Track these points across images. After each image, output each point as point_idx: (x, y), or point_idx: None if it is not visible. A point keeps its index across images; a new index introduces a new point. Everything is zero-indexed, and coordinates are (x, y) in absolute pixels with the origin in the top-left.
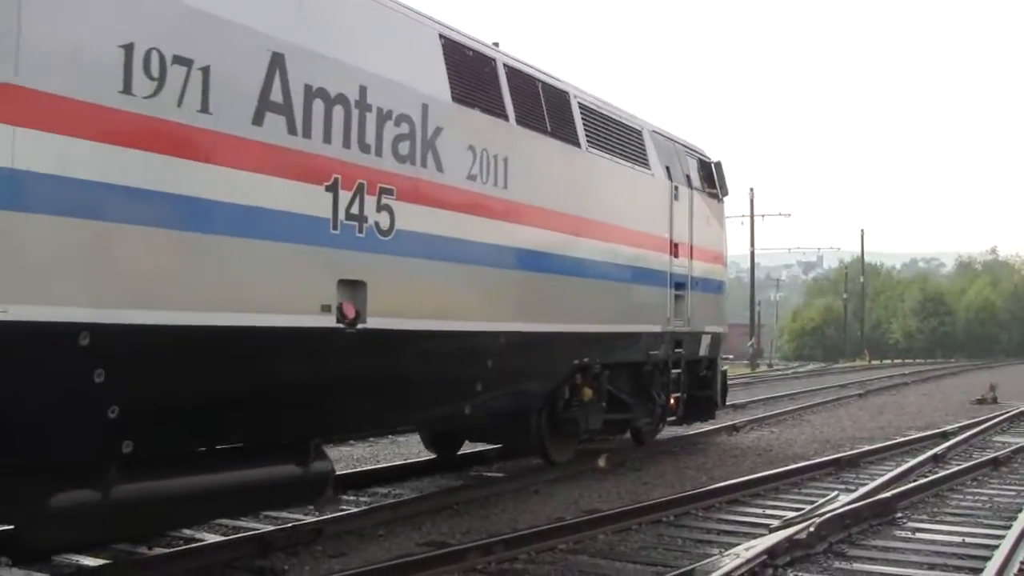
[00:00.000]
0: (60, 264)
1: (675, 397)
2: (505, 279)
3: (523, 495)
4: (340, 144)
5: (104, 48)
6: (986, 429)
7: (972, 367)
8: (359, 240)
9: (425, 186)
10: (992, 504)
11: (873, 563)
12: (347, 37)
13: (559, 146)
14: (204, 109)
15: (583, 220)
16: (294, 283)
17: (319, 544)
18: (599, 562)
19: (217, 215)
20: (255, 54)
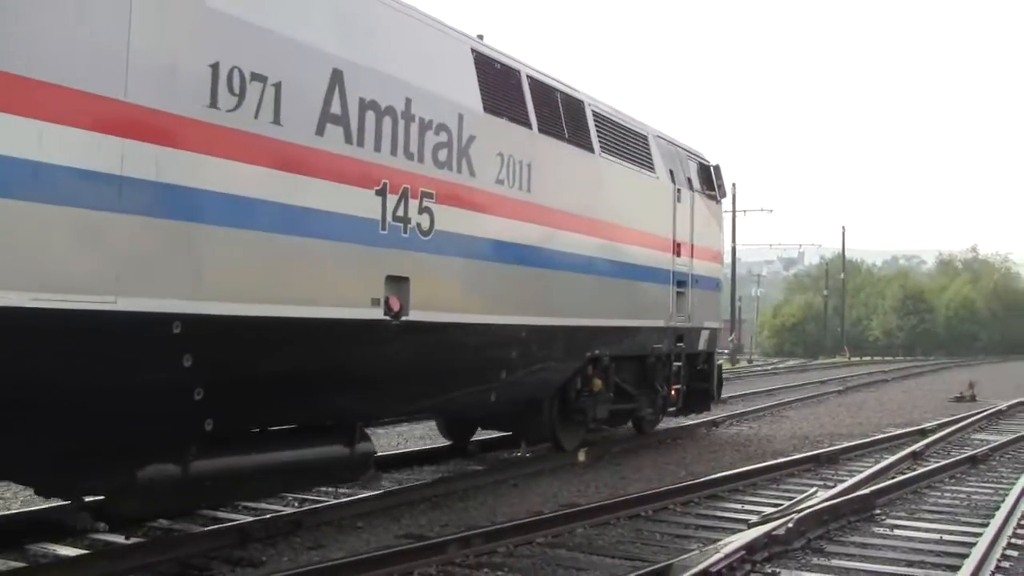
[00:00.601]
0: (158, 261)
1: (676, 389)
2: (527, 276)
3: (502, 488)
4: (388, 152)
5: (195, 67)
6: (964, 427)
7: (951, 365)
8: (404, 239)
9: (460, 190)
10: (970, 502)
11: (851, 559)
12: (394, 53)
13: (575, 152)
14: (276, 121)
15: (596, 221)
16: (350, 279)
17: (297, 535)
18: (577, 556)
19: (288, 217)
20: (318, 71)
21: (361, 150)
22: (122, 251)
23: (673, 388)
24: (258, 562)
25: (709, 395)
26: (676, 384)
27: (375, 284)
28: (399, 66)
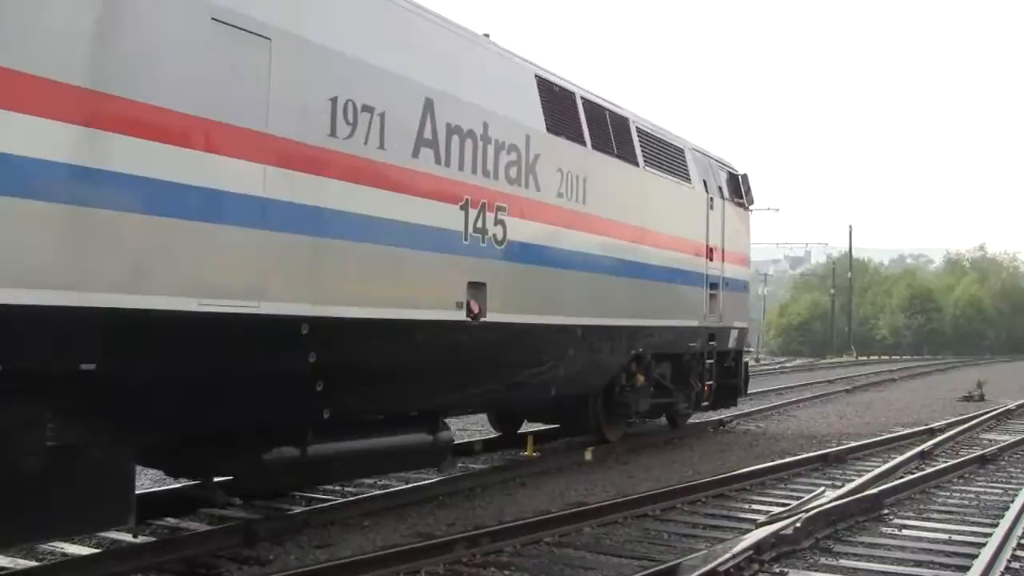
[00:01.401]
0: (291, 270)
1: (708, 385)
2: (583, 280)
3: (509, 487)
4: (470, 170)
5: (319, 102)
6: (973, 426)
7: (959, 364)
8: (482, 249)
9: (527, 204)
10: (979, 502)
11: (859, 559)
12: (473, 82)
13: (623, 166)
14: (380, 145)
15: (641, 229)
16: (440, 285)
17: (304, 534)
18: (585, 555)
19: (391, 231)
20: (414, 100)
21: (448, 170)
22: (264, 262)
23: (706, 384)
24: (265, 561)
25: (737, 391)
26: (708, 380)
27: (459, 289)
28: (478, 93)
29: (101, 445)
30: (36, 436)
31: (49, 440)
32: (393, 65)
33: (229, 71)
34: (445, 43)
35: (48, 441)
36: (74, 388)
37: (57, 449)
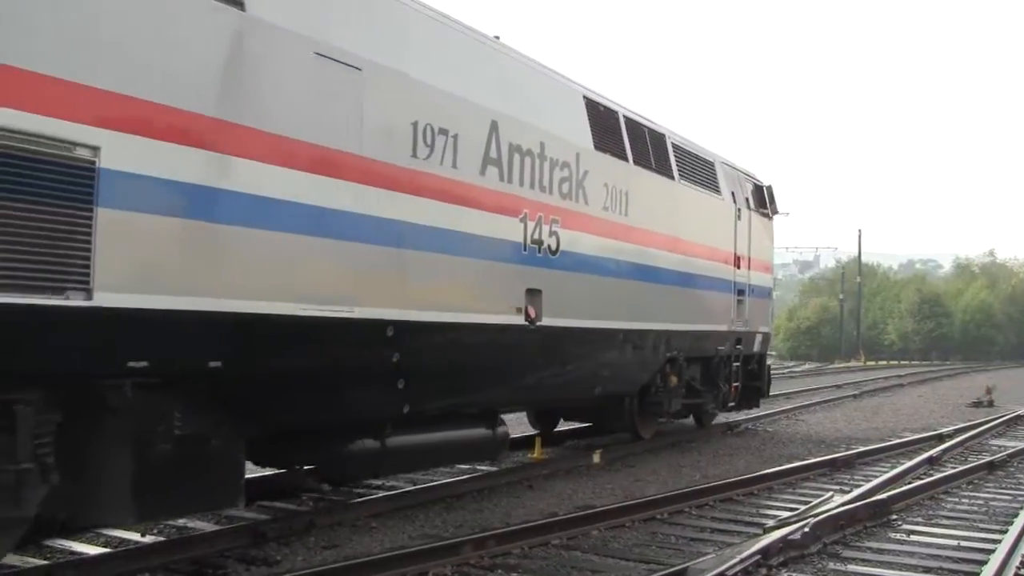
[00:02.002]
0: (379, 278)
1: (735, 386)
2: (625, 287)
3: (517, 489)
4: (528, 186)
5: (403, 126)
6: (982, 432)
7: (968, 369)
8: (538, 258)
9: (577, 216)
10: (988, 508)
11: (867, 565)
12: (533, 104)
13: (660, 179)
14: (453, 165)
15: (676, 239)
16: (502, 291)
17: (312, 535)
18: (592, 558)
19: (462, 243)
20: (481, 123)
21: (510, 186)
22: (357, 271)
23: (733, 385)
24: (273, 561)
25: (761, 392)
26: (735, 382)
27: (518, 295)
28: (535, 114)
29: (219, 434)
30: (167, 425)
31: (177, 429)
32: (464, 91)
33: (329, 100)
34: (507, 68)
35: (176, 430)
36: (202, 383)
37: (183, 437)
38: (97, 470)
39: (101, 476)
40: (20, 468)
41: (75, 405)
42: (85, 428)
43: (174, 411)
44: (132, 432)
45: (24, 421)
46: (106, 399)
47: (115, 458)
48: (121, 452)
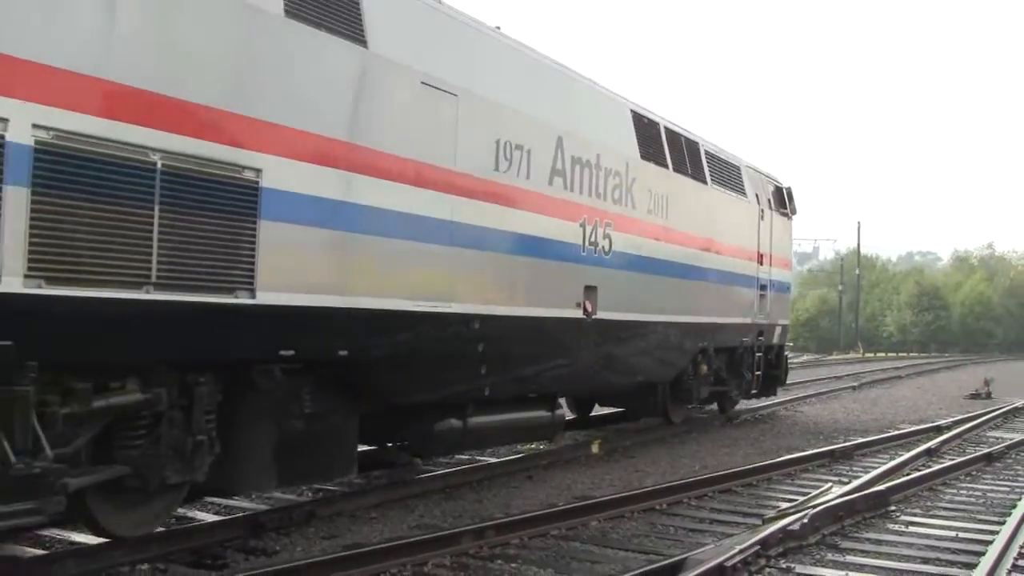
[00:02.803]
0: (469, 277)
1: (757, 375)
2: (665, 284)
3: (516, 480)
4: (587, 194)
5: (488, 143)
6: (980, 424)
7: (966, 362)
8: (594, 258)
9: (626, 220)
10: (986, 499)
11: (866, 556)
12: (590, 119)
13: (695, 184)
14: (523, 176)
15: (709, 239)
16: (565, 288)
17: (311, 526)
18: (591, 548)
19: (533, 245)
20: (549, 138)
21: (572, 194)
22: (452, 272)
23: (755, 374)
24: (272, 552)
25: (779, 381)
26: (757, 371)
27: (577, 291)
28: (592, 128)
29: (340, 413)
30: (301, 405)
31: (307, 408)
32: (535, 110)
33: (432, 122)
34: (568, 88)
35: (307, 408)
36: (331, 369)
37: (313, 415)
38: (247, 442)
39: (250, 447)
40: (196, 439)
41: (234, 387)
42: (240, 407)
43: (307, 392)
44: (276, 410)
45: (201, 400)
46: (258, 382)
47: (261, 432)
48: (266, 427)
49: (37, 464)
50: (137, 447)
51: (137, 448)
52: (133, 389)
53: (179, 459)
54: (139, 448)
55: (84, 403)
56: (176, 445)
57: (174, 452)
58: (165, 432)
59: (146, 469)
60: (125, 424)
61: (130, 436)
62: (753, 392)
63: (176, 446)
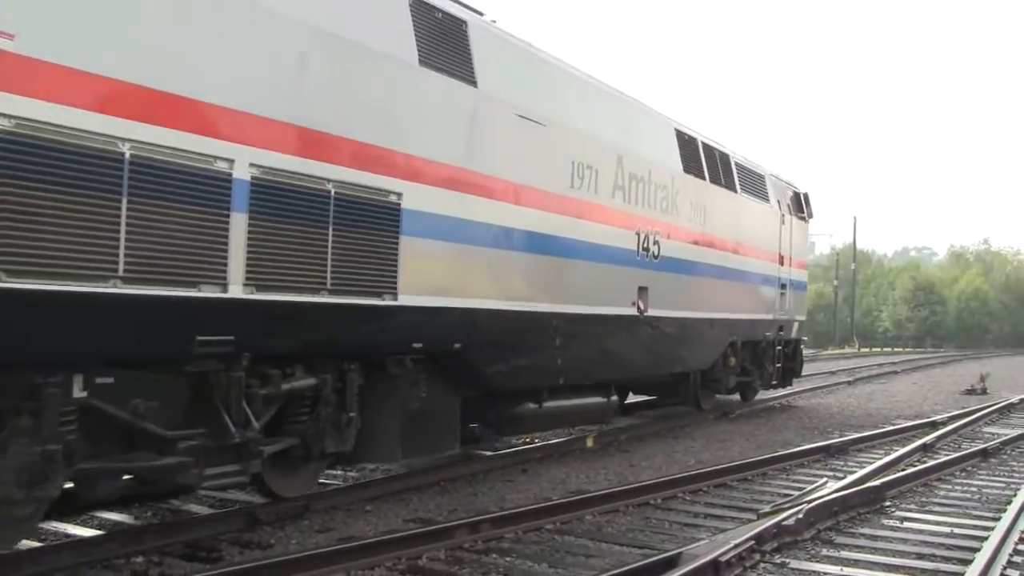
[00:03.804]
0: (549, 281)
1: (777, 366)
2: (703, 283)
3: (511, 473)
4: (640, 205)
5: (566, 164)
6: (975, 420)
7: (962, 357)
8: (646, 262)
9: (671, 228)
10: (981, 495)
11: (861, 551)
12: (643, 138)
13: (727, 193)
14: (592, 191)
15: (739, 242)
16: (623, 288)
17: (306, 519)
18: (586, 543)
19: (602, 252)
20: (612, 158)
21: (629, 205)
22: (536, 276)
23: (776, 366)
24: (267, 545)
25: (795, 372)
26: (777, 363)
27: (632, 291)
28: (644, 146)
29: (448, 396)
30: (420, 389)
31: (424, 392)
32: (601, 134)
33: (524, 148)
34: (625, 111)
35: (423, 392)
36: (444, 359)
37: (428, 398)
38: (380, 420)
39: (382, 424)
40: (349, 415)
41: (372, 373)
42: (375, 390)
43: (423, 379)
44: (401, 394)
45: (352, 384)
46: (391, 370)
47: (390, 412)
48: (394, 408)
49: (248, 434)
50: (303, 422)
51: (303, 423)
52: (302, 375)
53: (335, 433)
54: (305, 423)
55: (276, 386)
56: (333, 421)
57: (332, 427)
58: (325, 411)
59: (311, 440)
60: (293, 404)
61: (298, 414)
62: (773, 383)
63: (333, 422)
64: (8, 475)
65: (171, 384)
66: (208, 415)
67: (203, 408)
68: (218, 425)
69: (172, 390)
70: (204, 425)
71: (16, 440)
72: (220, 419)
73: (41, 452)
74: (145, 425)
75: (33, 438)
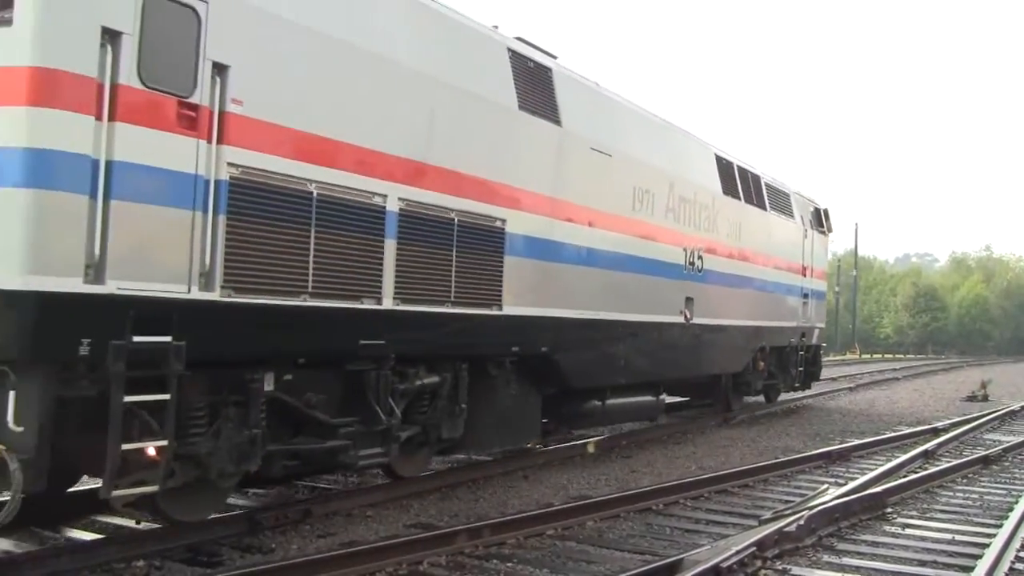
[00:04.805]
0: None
1: (799, 370)
2: (738, 294)
3: (512, 479)
4: (688, 225)
5: (628, 189)
6: (977, 427)
7: (963, 364)
8: (691, 275)
9: (712, 244)
10: (982, 502)
11: (862, 558)
12: (689, 164)
13: (758, 211)
14: (650, 213)
15: (768, 256)
16: (672, 299)
17: (307, 524)
18: (587, 549)
19: (657, 267)
20: (665, 183)
21: (679, 225)
22: (606, 288)
23: (798, 370)
24: (267, 549)
25: (815, 376)
26: (800, 367)
27: (679, 302)
28: (692, 171)
29: (533, 394)
30: (511, 386)
31: (514, 389)
32: (656, 161)
33: (597, 178)
34: (675, 140)
35: (513, 390)
36: (532, 360)
37: (517, 394)
38: (480, 413)
39: (482, 416)
40: (461, 407)
41: (476, 373)
42: (477, 387)
43: (514, 378)
44: (498, 391)
45: (464, 381)
46: (490, 370)
47: (488, 406)
48: (492, 402)
49: (392, 422)
50: (425, 413)
51: (425, 414)
52: (427, 374)
53: (449, 422)
54: (426, 414)
55: (411, 382)
56: (448, 412)
57: (447, 417)
58: (442, 403)
59: (431, 428)
60: (419, 397)
61: (422, 405)
62: (796, 386)
63: (448, 413)
64: (224, 454)
65: (334, 380)
66: (360, 406)
67: (357, 400)
68: (369, 414)
69: (335, 385)
70: (357, 414)
71: (227, 426)
72: (371, 409)
73: (248, 435)
74: (315, 414)
75: (240, 424)
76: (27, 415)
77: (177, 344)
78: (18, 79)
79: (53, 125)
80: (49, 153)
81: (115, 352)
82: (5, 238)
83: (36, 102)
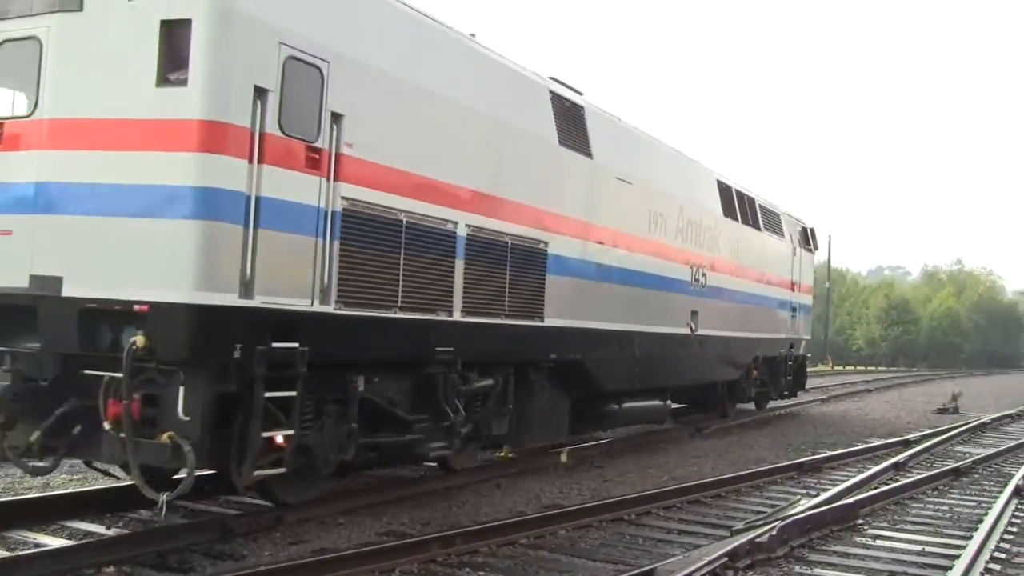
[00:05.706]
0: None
1: (788, 379)
2: (737, 308)
3: (485, 488)
4: (694, 244)
5: (645, 213)
6: (948, 439)
7: (934, 376)
8: (697, 291)
9: (714, 262)
10: (952, 514)
11: (833, 569)
12: (695, 189)
13: (752, 231)
14: (663, 235)
15: (762, 272)
16: (680, 312)
17: (279, 531)
18: (559, 558)
19: (667, 282)
20: (676, 207)
21: (686, 245)
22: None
23: (787, 379)
24: (239, 556)
25: (801, 385)
26: (788, 376)
27: (687, 315)
28: (697, 195)
29: (564, 396)
30: (546, 389)
31: (547, 391)
32: (668, 188)
33: (620, 203)
34: (683, 166)
35: (546, 392)
36: (566, 367)
37: (551, 396)
38: (521, 412)
39: (522, 416)
40: (508, 407)
41: (519, 378)
42: (520, 390)
43: (548, 382)
44: (536, 393)
45: (510, 384)
46: (530, 375)
47: (529, 406)
48: (531, 403)
49: (456, 419)
50: (478, 412)
51: (478, 412)
52: (481, 377)
53: (499, 420)
54: (479, 412)
55: (471, 384)
56: (497, 412)
57: (497, 416)
58: (493, 404)
59: (482, 425)
60: (474, 398)
61: (476, 405)
62: (785, 393)
63: (497, 412)
64: (327, 444)
65: (410, 382)
66: (430, 404)
67: (427, 399)
68: (437, 412)
69: (412, 386)
70: (427, 412)
71: (328, 421)
72: (439, 408)
73: (346, 429)
74: (396, 411)
75: (340, 419)
76: (193, 407)
77: (303, 349)
78: (191, 130)
79: (218, 168)
80: (215, 191)
81: (260, 356)
82: (178, 260)
83: (206, 149)
